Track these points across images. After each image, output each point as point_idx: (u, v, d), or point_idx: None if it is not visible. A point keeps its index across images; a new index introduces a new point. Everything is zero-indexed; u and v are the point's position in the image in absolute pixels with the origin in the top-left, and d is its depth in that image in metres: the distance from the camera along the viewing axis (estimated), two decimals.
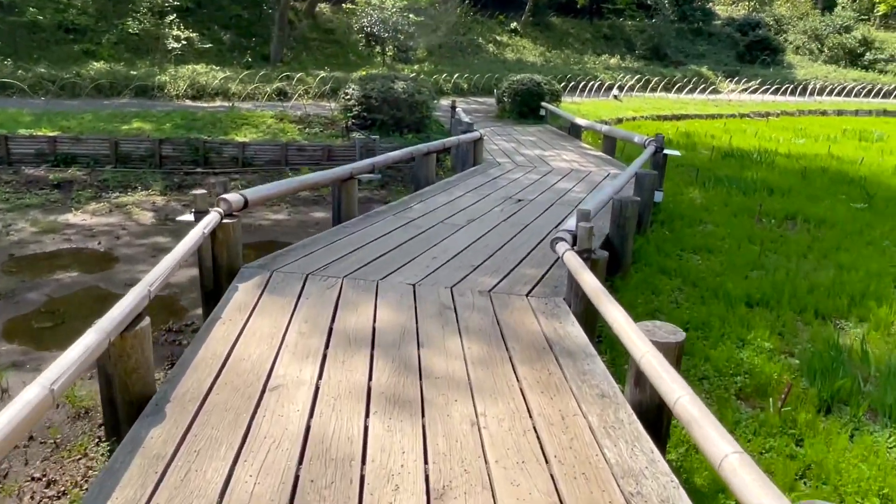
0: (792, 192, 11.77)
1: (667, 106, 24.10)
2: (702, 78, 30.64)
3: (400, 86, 14.28)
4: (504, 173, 10.00)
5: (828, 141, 18.66)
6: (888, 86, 32.02)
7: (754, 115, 24.79)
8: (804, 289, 6.94)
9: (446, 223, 6.99)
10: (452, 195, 8.33)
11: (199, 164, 12.48)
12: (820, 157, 15.51)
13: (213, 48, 23.51)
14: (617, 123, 20.09)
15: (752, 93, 29.41)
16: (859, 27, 37.41)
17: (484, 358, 4.02)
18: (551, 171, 10.39)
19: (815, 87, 30.84)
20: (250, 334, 4.18)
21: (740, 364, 5.30)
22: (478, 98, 23.10)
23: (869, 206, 10.94)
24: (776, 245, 8.68)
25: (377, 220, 6.95)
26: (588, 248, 4.65)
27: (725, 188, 11.92)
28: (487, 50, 30.91)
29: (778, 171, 13.59)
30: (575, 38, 35.47)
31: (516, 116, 17.49)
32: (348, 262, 5.60)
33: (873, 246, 8.87)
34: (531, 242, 6.44)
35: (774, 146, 17.01)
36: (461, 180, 9.28)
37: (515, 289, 5.18)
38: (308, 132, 13.99)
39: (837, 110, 27.07)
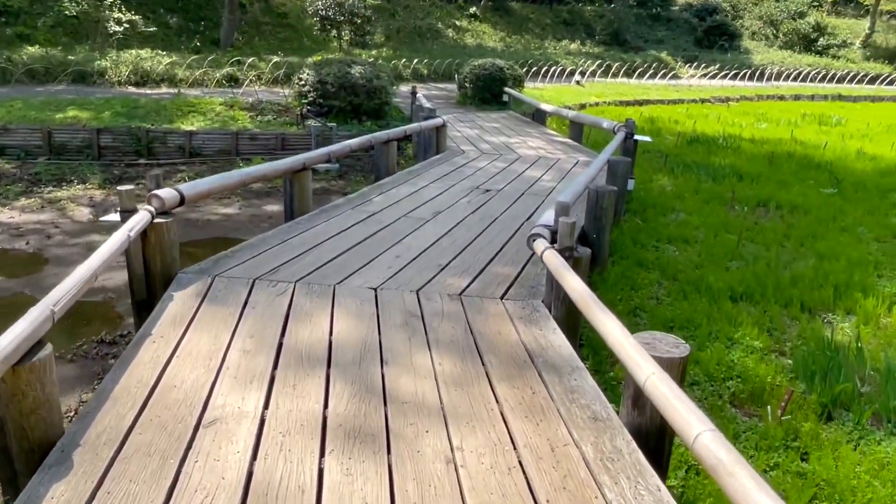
0: (761, 178, 11.55)
1: (629, 91, 23.87)
2: (662, 63, 30.55)
3: (357, 71, 13.60)
4: (469, 161, 9.48)
5: (789, 126, 18.64)
6: (841, 71, 32.48)
7: (715, 101, 24.76)
8: (787, 280, 6.61)
9: (410, 217, 6.44)
10: (416, 186, 7.77)
11: (141, 154, 11.63)
12: (784, 142, 15.41)
13: (159, 32, 22.34)
14: (580, 109, 19.73)
15: (712, 78, 29.45)
16: (812, 13, 37.90)
17: (458, 376, 3.51)
18: (518, 158, 9.91)
19: (773, 72, 31.06)
20: (185, 354, 3.58)
21: (731, 367, 4.91)
22: (438, 84, 22.49)
23: (838, 192, 10.77)
24: (752, 234, 8.37)
25: (334, 215, 6.36)
26: (570, 247, 4.17)
27: (695, 174, 11.64)
28: (447, 35, 30.25)
29: (745, 157, 13.39)
30: (535, 24, 35.04)
31: (479, 102, 16.96)
32: (301, 263, 5.01)
33: (848, 233, 8.64)
34: (502, 237, 5.94)
35: (738, 131, 16.87)
36: (424, 169, 8.73)
37: (489, 291, 4.67)
38: (260, 120, 13.22)
39: (794, 95, 27.29)
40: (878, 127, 18.70)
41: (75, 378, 5.08)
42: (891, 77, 32.67)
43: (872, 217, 9.43)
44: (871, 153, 14.32)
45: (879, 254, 7.79)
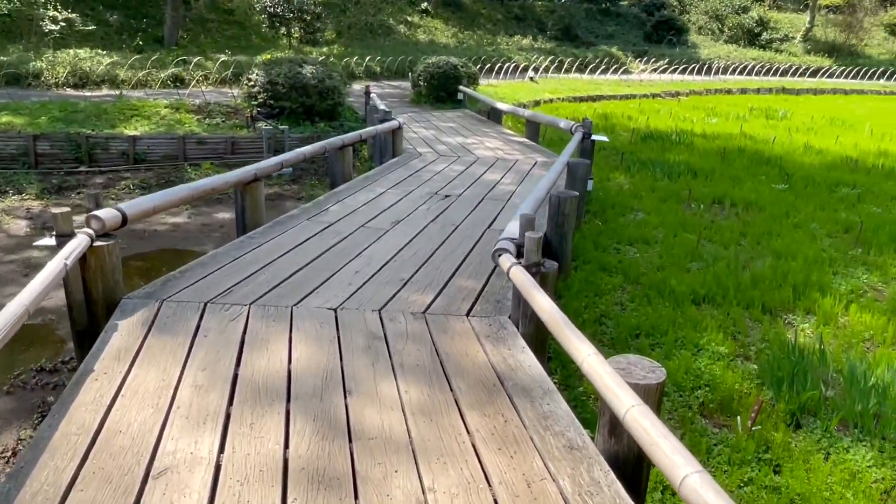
0: (714, 175, 11.70)
1: (582, 87, 24.02)
2: (612, 58, 30.87)
3: (308, 70, 13.25)
4: (427, 165, 9.30)
5: (738, 120, 19.01)
6: (783, 64, 33.39)
7: (665, 95, 25.12)
8: (748, 281, 6.65)
9: (369, 227, 6.23)
10: (373, 193, 7.55)
11: (82, 162, 11.08)
12: (734, 137, 15.68)
13: (99, 30, 21.45)
14: (535, 106, 19.74)
15: (662, 73, 29.90)
16: (755, 8, 38.85)
17: (426, 405, 3.34)
18: (476, 160, 9.77)
19: (720, 66, 31.72)
20: (131, 393, 3.32)
21: (699, 375, 4.87)
22: (391, 82, 22.21)
23: (789, 187, 10.97)
24: (709, 232, 8.43)
25: (289, 227, 6.11)
26: (537, 262, 4.04)
27: (650, 172, 11.71)
28: (399, 31, 29.94)
29: (698, 153, 13.56)
30: (486, 19, 34.99)
31: (433, 101, 16.78)
32: (256, 283, 4.76)
33: (801, 229, 8.78)
34: (464, 247, 5.79)
35: (690, 126, 17.11)
36: (381, 175, 8.51)
37: (453, 307, 4.51)
38: (209, 123, 12.76)
39: (741, 89, 27.90)
40: (822, 120, 19.23)
41: (12, 412, 4.74)
42: (830, 70, 33.73)
43: (823, 212, 9.62)
44: (818, 147, 14.69)
45: (833, 250, 7.92)
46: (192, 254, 8.36)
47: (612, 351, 5.23)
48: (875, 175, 12.10)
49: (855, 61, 35.14)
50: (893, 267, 7.47)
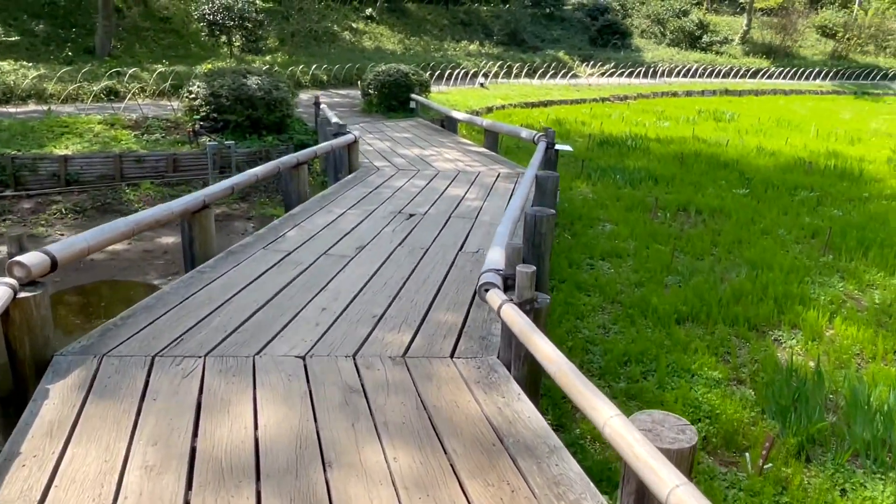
0: (675, 181, 11.60)
1: (532, 92, 23.92)
2: (560, 63, 30.97)
3: (254, 81, 12.61)
4: (386, 180, 8.83)
5: (688, 123, 19.17)
6: (724, 66, 34.17)
7: (614, 99, 25.27)
8: (728, 296, 6.43)
9: (331, 255, 5.73)
10: (332, 214, 7.05)
11: (7, 185, 10.18)
12: (688, 141, 15.72)
13: (23, 41, 20.17)
14: (487, 113, 19.49)
15: (610, 76, 30.15)
16: (694, 11, 39.71)
17: (419, 475, 2.90)
18: (437, 174, 9.35)
19: (664, 69, 32.21)
20: (67, 481, 2.77)
21: (697, 406, 4.57)
22: (340, 90, 21.62)
23: (750, 192, 10.93)
24: (681, 243, 8.24)
25: (244, 258, 5.56)
26: (531, 299, 3.65)
27: (612, 179, 11.54)
28: (344, 38, 29.32)
29: (656, 158, 13.49)
30: (432, 25, 34.68)
31: (385, 110, 16.30)
32: (210, 328, 4.22)
33: (770, 236, 8.68)
34: (437, 274, 5.36)
35: (643, 131, 17.12)
36: (339, 193, 8.00)
37: (436, 348, 4.08)
38: (147, 139, 11.98)
39: (686, 91, 28.35)
40: (769, 122, 19.57)
41: None
42: (768, 70, 34.70)
43: (787, 217, 9.57)
44: (770, 149, 14.84)
45: (805, 258, 7.81)
46: (135, 286, 7.69)
47: (602, 382, 4.89)
48: (829, 177, 12.22)
49: (791, 62, 36.27)
50: (866, 273, 7.40)
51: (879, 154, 15.07)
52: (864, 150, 15.64)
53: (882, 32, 39.63)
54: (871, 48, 39.08)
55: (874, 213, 9.79)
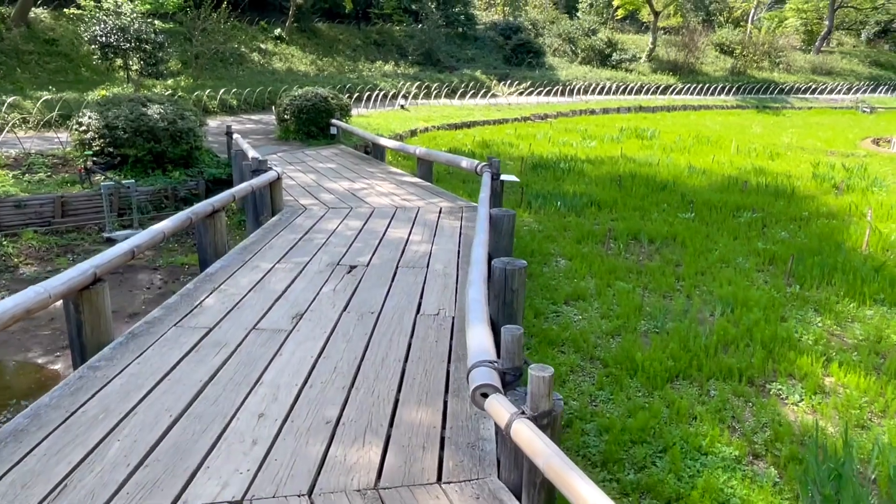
0: (617, 206, 11.13)
1: (454, 113, 23.33)
2: (478, 82, 30.66)
3: (155, 110, 11.24)
4: (316, 222, 7.77)
5: (613, 142, 19.04)
6: (635, 83, 34.94)
7: (535, 118, 25.07)
8: (714, 344, 5.79)
9: (263, 330, 4.66)
10: (258, 270, 5.95)
11: None
12: (618, 161, 15.44)
13: None
14: (411, 136, 18.68)
15: (528, 95, 30.08)
16: (602, 30, 40.60)
17: None
18: (373, 211, 8.38)
19: (579, 86, 32.52)
20: None
21: (726, 502, 3.81)
22: (252, 116, 20.24)
23: (695, 216, 10.58)
24: (643, 279, 7.64)
25: (150, 342, 4.41)
26: (550, 411, 2.77)
27: (553, 207, 10.93)
28: (253, 60, 27.84)
29: (592, 181, 13.04)
30: (345, 45, 33.67)
31: (303, 137, 15.15)
32: (106, 462, 3.10)
33: (730, 266, 8.23)
34: (397, 349, 4.41)
35: (572, 151, 16.76)
36: (264, 242, 6.89)
37: (415, 468, 3.13)
38: (29, 180, 10.38)
39: (603, 109, 28.61)
40: (689, 139, 19.74)
41: None
42: (675, 87, 35.77)
43: (739, 243, 9.21)
44: (700, 167, 14.74)
45: (772, 290, 7.36)
46: (13, 366, 6.29)
47: (608, 475, 4.07)
48: (764, 196, 12.10)
49: (695, 78, 37.57)
50: (838, 304, 7.01)
51: (800, 169, 15.28)
52: (785, 165, 15.86)
53: (774, 49, 41.85)
54: (766, 64, 41.16)
55: (821, 234, 9.58)
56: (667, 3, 40.40)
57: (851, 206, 11.33)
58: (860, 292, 7.23)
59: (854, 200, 11.76)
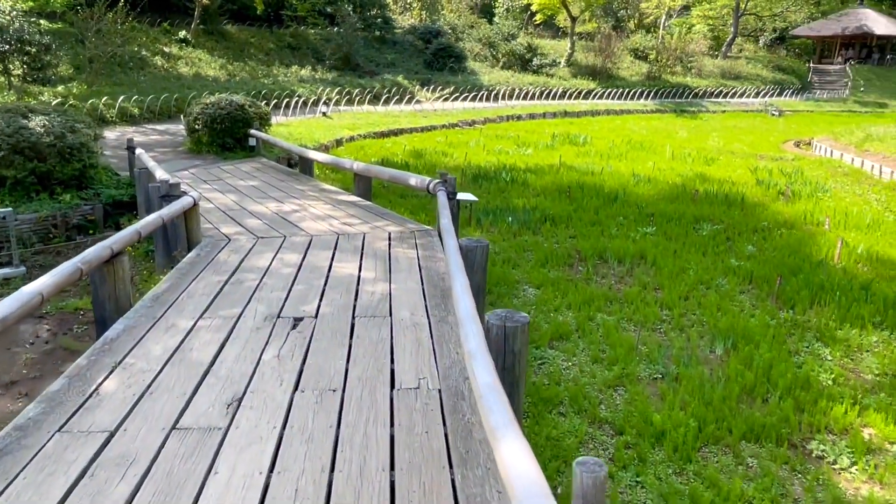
0: (573, 221, 10.33)
1: (379, 121, 22.13)
2: (400, 87, 29.55)
3: (39, 122, 9.51)
4: (244, 257, 6.46)
5: (549, 149, 18.41)
6: (557, 88, 34.82)
7: (463, 125, 24.24)
8: (735, 394, 4.96)
9: (186, 431, 3.40)
10: (175, 332, 4.63)
11: None
12: (560, 170, 14.74)
13: None
14: (337, 146, 17.38)
15: (455, 101, 29.25)
16: (521, 35, 40.41)
17: None
18: (311, 240, 7.13)
19: (503, 91, 32.01)
20: None
21: None
22: (157, 125, 18.32)
23: (657, 230, 9.90)
24: (624, 309, 6.79)
25: (19, 464, 3.07)
26: None
27: (505, 223, 10.00)
28: (155, 64, 25.61)
29: (540, 193, 12.22)
30: (257, 49, 31.77)
31: (218, 150, 13.58)
32: None
33: (711, 288, 7.52)
34: (380, 450, 3.27)
35: (510, 160, 15.96)
36: (180, 289, 5.53)
37: None
38: None
39: (529, 114, 28.15)
40: (622, 144, 19.39)
41: None
42: (596, 91, 35.94)
43: (709, 260, 8.56)
44: (644, 175, 14.23)
45: (767, 317, 6.66)
46: None
47: None
48: (717, 205, 11.63)
49: (614, 83, 37.91)
50: (838, 331, 6.38)
51: (740, 175, 15.08)
52: (723, 170, 15.64)
53: (685, 55, 42.97)
54: (679, 69, 42.17)
55: (789, 247, 9.09)
56: (583, 9, 40.69)
57: (806, 215, 11.00)
58: (857, 316, 6.64)
59: (806, 208, 11.46)
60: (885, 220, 10.71)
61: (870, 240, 9.65)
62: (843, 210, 11.30)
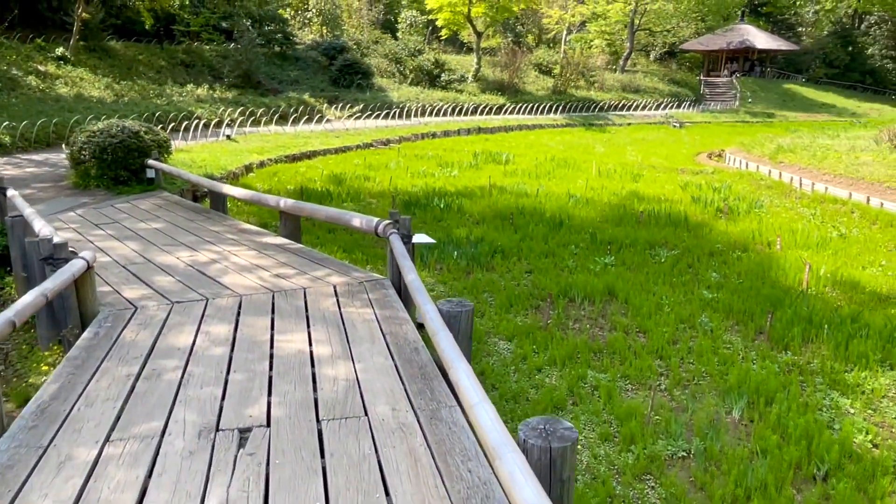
0: (524, 252, 9.51)
1: (289, 142, 20.64)
2: (307, 106, 28.06)
3: None
4: (159, 334, 5.09)
5: (474, 169, 17.65)
6: (467, 103, 34.38)
7: (378, 144, 23.15)
8: (783, 480, 4.17)
9: None
10: (71, 469, 3.31)
11: None
12: (491, 193, 13.96)
13: None
14: (247, 173, 15.86)
15: (367, 118, 28.06)
16: (427, 50, 39.79)
17: None
18: (239, 301, 5.84)
19: (414, 108, 31.16)
20: None
21: None
22: (33, 156, 16.05)
23: (615, 259, 9.24)
24: (614, 363, 5.97)
25: None
26: None
27: (453, 260, 9.02)
28: (29, 84, 22.89)
29: (480, 221, 11.35)
30: (147, 67, 29.36)
31: (109, 183, 11.80)
32: None
33: (697, 330, 6.84)
34: None
35: (437, 183, 15.03)
36: (74, 392, 4.15)
37: None
38: None
39: (444, 131, 27.43)
40: (548, 163, 18.91)
41: None
42: (506, 106, 35.81)
43: (681, 293, 7.94)
44: (580, 196, 13.68)
45: (768, 362, 6.02)
46: None
47: None
48: (661, 227, 11.18)
49: (522, 98, 37.93)
50: (846, 374, 5.82)
51: (671, 191, 14.86)
52: (653, 187, 15.40)
53: (587, 69, 43.84)
54: (583, 83, 42.92)
55: (753, 273, 8.65)
56: (488, 24, 40.65)
57: (754, 234, 10.71)
58: (859, 354, 6.12)
59: (751, 227, 11.20)
60: (831, 238, 10.57)
61: (821, 259, 9.40)
62: (788, 228, 11.11)
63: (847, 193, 13.92)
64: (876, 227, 11.47)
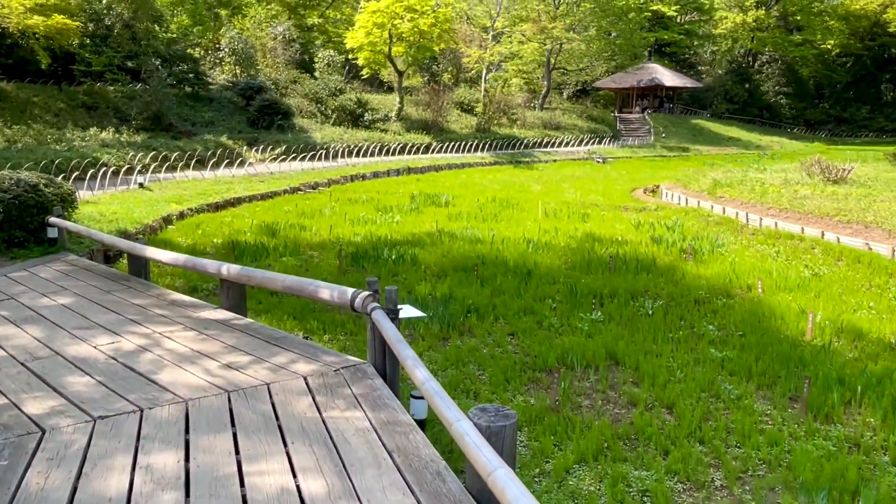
0: (500, 310, 8.55)
1: (210, 189, 18.98)
2: (226, 149, 26.35)
3: None
4: (79, 475, 3.68)
5: (416, 213, 16.65)
6: (392, 143, 33.56)
7: (306, 188, 21.81)
8: None
9: None
10: None
11: None
12: (441, 240, 12.97)
13: None
14: (166, 226, 14.18)
15: (290, 161, 26.61)
16: (348, 90, 38.83)
17: None
18: (185, 410, 4.49)
19: (340, 149, 29.96)
20: None
21: None
22: None
23: (603, 313, 8.40)
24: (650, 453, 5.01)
25: None
26: None
27: (423, 323, 7.90)
28: None
29: (440, 274, 10.30)
30: (43, 109, 26.88)
31: (2, 246, 9.95)
32: None
33: (721, 399, 6.00)
34: None
35: (381, 231, 13.91)
36: None
37: None
38: None
39: (373, 173, 26.40)
40: (490, 204, 18.15)
41: None
42: (432, 145, 35.23)
43: (686, 350, 7.15)
44: (535, 240, 12.90)
45: (821, 440, 5.22)
46: None
47: None
48: (634, 272, 10.51)
49: (447, 136, 37.51)
50: None
51: (625, 232, 14.37)
52: (605, 227, 14.87)
53: (508, 107, 44.13)
54: (505, 121, 43.09)
55: (751, 325, 8.00)
56: (409, 64, 40.25)
57: (731, 278, 10.18)
58: None
59: (723, 270, 10.70)
60: (808, 278, 10.18)
61: (806, 302, 8.93)
62: (762, 269, 10.69)
63: (799, 228, 13.83)
64: (843, 265, 11.25)
